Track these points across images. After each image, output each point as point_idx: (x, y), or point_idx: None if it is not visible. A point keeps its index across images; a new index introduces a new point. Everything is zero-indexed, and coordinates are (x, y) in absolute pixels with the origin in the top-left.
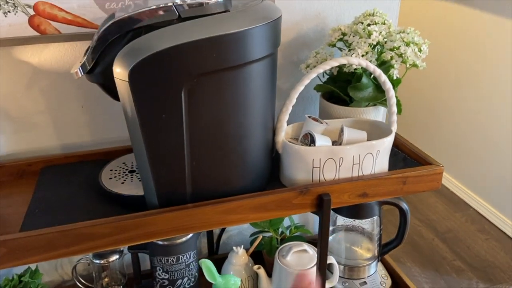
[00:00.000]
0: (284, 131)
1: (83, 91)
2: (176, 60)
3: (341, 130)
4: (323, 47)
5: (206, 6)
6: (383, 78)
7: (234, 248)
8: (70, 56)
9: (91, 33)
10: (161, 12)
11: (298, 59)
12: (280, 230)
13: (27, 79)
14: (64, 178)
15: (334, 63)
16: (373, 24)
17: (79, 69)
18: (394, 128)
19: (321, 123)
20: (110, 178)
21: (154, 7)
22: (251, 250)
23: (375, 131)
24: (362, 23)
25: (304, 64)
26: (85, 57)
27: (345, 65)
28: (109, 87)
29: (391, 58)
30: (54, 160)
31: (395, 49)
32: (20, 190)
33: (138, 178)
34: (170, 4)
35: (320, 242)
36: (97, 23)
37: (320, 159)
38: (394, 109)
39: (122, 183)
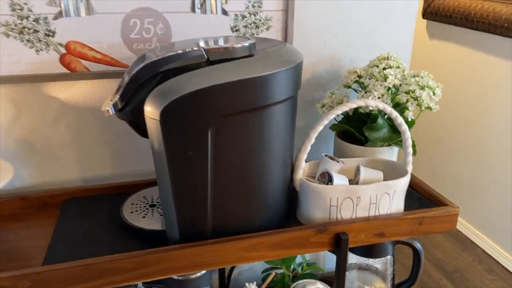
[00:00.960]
0: (302, 169)
1: (107, 125)
2: (205, 102)
3: (357, 170)
4: (338, 87)
5: (232, 50)
6: (399, 120)
7: (246, 284)
8: (97, 92)
9: (118, 71)
10: (191, 56)
11: (313, 98)
12: (292, 267)
13: (54, 114)
14: (86, 211)
15: (352, 105)
16: (388, 68)
17: (110, 107)
18: (410, 169)
19: (338, 162)
20: (132, 212)
21: (184, 51)
22: (263, 286)
23: (390, 171)
24: (378, 66)
25: (319, 104)
26: (117, 96)
27: (361, 106)
28: (137, 124)
29: (407, 100)
30: (75, 192)
31: (410, 92)
32: (42, 222)
33: (159, 213)
34: (199, 48)
35: (337, 281)
36: (124, 62)
37: (337, 198)
38: (410, 150)
39: (143, 217)
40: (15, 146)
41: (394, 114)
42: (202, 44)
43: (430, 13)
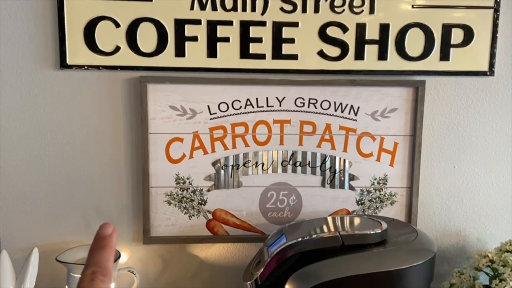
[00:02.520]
0: None
1: (236, 284)
2: None
3: None
4: (466, 267)
5: (366, 236)
6: None
7: None
8: (231, 253)
9: (253, 237)
10: (328, 240)
11: (437, 272)
12: None
13: (193, 271)
14: None
15: None
16: None
17: (252, 283)
18: None
19: None
20: None
21: (322, 235)
22: None
23: None
24: (511, 252)
25: (447, 283)
26: (257, 272)
27: None
28: None
29: None
30: None
31: None
32: None
33: None
34: (336, 232)
35: None
36: (259, 228)
37: None
38: None
39: None
40: None
41: None
42: (336, 227)
43: None
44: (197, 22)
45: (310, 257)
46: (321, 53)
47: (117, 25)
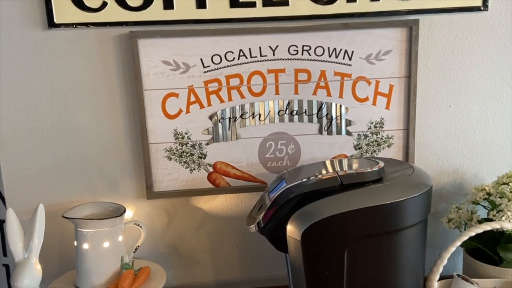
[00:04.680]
0: None
1: (240, 233)
2: (341, 226)
3: None
4: (464, 202)
5: (363, 174)
6: None
7: None
8: (234, 204)
9: (254, 186)
10: (327, 180)
11: (435, 210)
12: None
13: (198, 223)
14: None
15: (487, 227)
16: None
17: (254, 226)
18: None
19: (472, 283)
20: None
21: (320, 176)
22: None
23: None
24: (508, 184)
25: (445, 218)
26: (259, 215)
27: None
28: (276, 240)
29: None
30: None
31: None
32: None
33: None
34: (334, 173)
35: None
36: (259, 178)
37: None
38: None
39: None
40: (165, 250)
41: None
42: (335, 168)
43: None
44: None
45: (310, 199)
46: None
47: None
